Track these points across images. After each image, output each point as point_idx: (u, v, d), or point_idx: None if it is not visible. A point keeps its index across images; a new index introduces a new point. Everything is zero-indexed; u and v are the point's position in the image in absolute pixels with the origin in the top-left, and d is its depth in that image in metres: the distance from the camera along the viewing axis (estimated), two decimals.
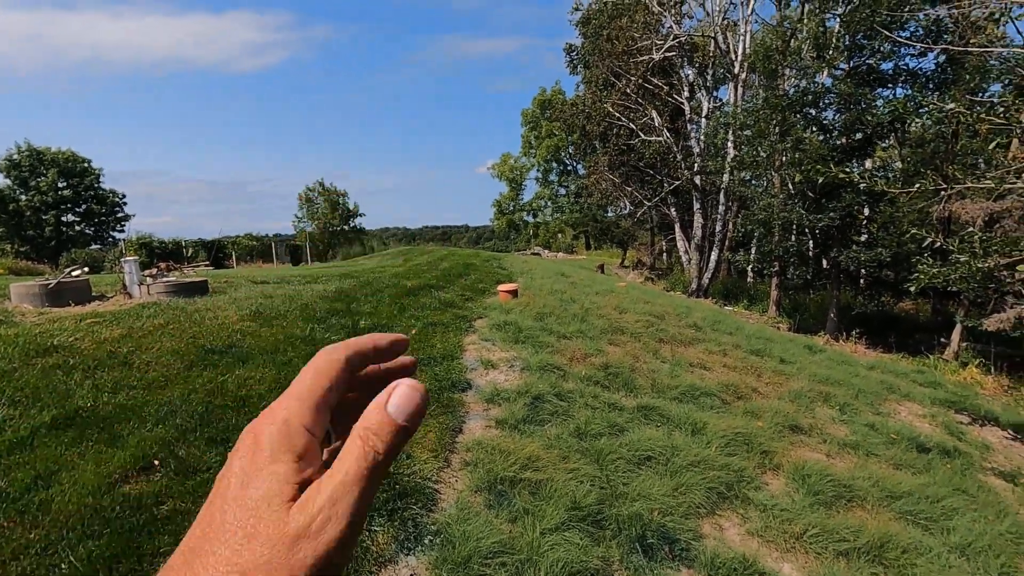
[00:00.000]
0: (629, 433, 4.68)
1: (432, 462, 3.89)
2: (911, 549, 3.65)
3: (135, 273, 7.80)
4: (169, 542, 2.74)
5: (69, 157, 38.80)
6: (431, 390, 5.06)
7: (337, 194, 58.04)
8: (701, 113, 20.40)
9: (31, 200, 36.68)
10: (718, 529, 3.74)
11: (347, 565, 0.35)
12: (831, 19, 14.86)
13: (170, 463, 3.44)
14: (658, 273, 30.58)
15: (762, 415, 5.65)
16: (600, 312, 8.82)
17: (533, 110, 51.78)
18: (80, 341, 5.47)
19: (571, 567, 2.89)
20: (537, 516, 3.31)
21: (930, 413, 7.32)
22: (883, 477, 4.66)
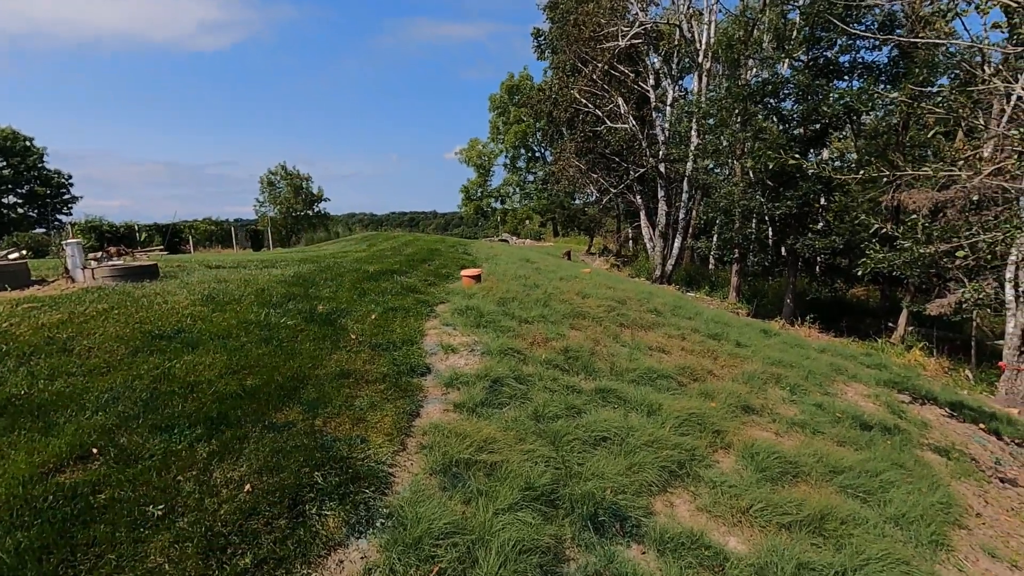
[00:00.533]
0: (586, 415, 4.74)
1: (387, 446, 3.86)
2: (849, 520, 3.82)
3: (78, 256, 7.43)
4: (106, 531, 2.64)
5: (8, 135, 36.65)
6: (390, 375, 5.01)
7: (300, 178, 56.62)
8: (666, 101, 20.60)
9: None
10: (669, 506, 3.83)
11: None
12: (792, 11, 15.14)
13: (110, 451, 3.31)
14: (624, 260, 30.98)
15: (716, 396, 5.80)
16: (563, 297, 8.87)
17: (501, 95, 51.38)
18: (15, 327, 5.19)
19: (522, 545, 2.92)
20: (491, 497, 3.33)
21: (874, 393, 7.66)
22: (827, 453, 4.86)
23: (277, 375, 4.64)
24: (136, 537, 2.64)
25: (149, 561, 2.52)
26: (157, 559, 2.54)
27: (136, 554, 2.55)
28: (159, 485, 3.04)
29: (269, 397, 4.24)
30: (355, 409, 4.29)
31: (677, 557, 3.15)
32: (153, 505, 2.86)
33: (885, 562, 3.37)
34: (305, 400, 4.29)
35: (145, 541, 2.63)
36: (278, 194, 55.59)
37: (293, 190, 55.49)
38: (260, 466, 3.34)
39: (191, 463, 3.28)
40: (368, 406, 4.36)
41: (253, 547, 2.71)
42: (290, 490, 3.16)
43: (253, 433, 3.71)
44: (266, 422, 3.89)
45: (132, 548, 2.58)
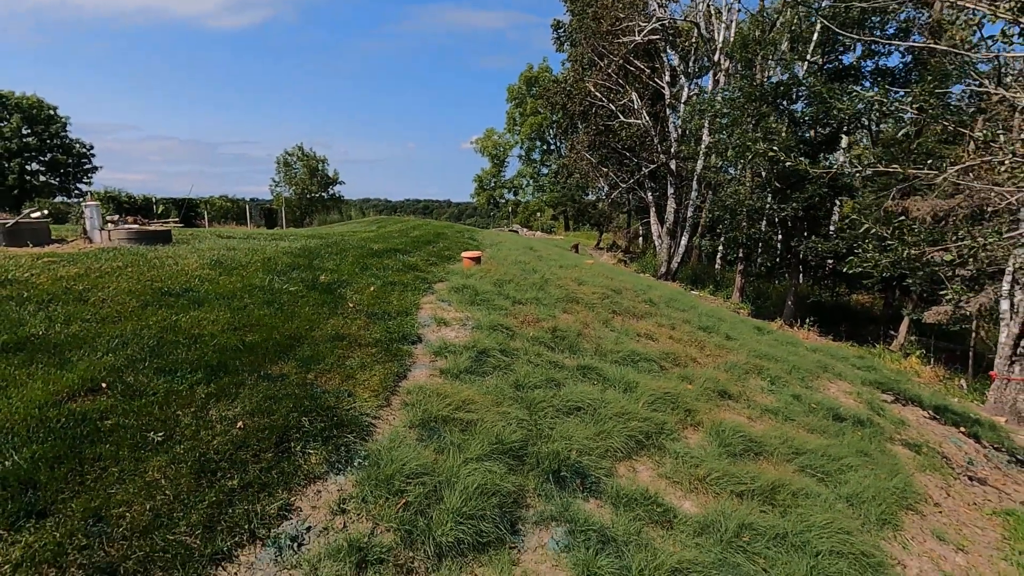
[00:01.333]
0: (564, 387, 4.99)
1: (372, 400, 4.14)
2: (801, 494, 4.05)
3: (96, 218, 7.79)
4: (110, 450, 2.95)
5: (35, 103, 37.37)
6: (382, 341, 5.30)
7: (316, 160, 57.07)
8: (681, 99, 20.63)
9: None
10: (632, 471, 4.09)
11: None
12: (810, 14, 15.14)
13: (117, 386, 3.62)
14: (632, 256, 31.07)
15: (694, 380, 6.03)
16: (559, 283, 9.11)
17: (519, 86, 51.35)
18: (36, 277, 5.54)
19: (484, 489, 3.19)
20: (462, 448, 3.60)
21: (857, 391, 7.84)
22: (793, 438, 5.08)
23: (276, 333, 4.94)
24: (137, 456, 2.95)
25: (147, 476, 2.82)
26: (154, 475, 2.84)
27: (136, 470, 2.85)
28: (160, 417, 3.34)
29: (266, 352, 4.54)
30: (346, 368, 4.58)
31: (629, 511, 3.41)
32: (153, 432, 3.17)
33: (827, 530, 3.60)
34: (300, 357, 4.59)
35: (144, 460, 2.93)
36: (294, 175, 56.13)
37: (309, 172, 56.00)
38: (252, 408, 3.64)
39: (190, 401, 3.58)
40: (358, 366, 4.65)
41: (241, 472, 3.00)
42: (278, 429, 3.45)
43: (249, 381, 4.01)
44: (261, 372, 4.19)
45: (133, 465, 2.88)
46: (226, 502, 2.77)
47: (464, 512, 2.96)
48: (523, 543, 3.05)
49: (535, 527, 3.19)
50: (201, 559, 2.42)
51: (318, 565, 2.49)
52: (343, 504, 2.97)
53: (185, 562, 2.37)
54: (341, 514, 2.91)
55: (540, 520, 3.23)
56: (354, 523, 2.85)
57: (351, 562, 2.52)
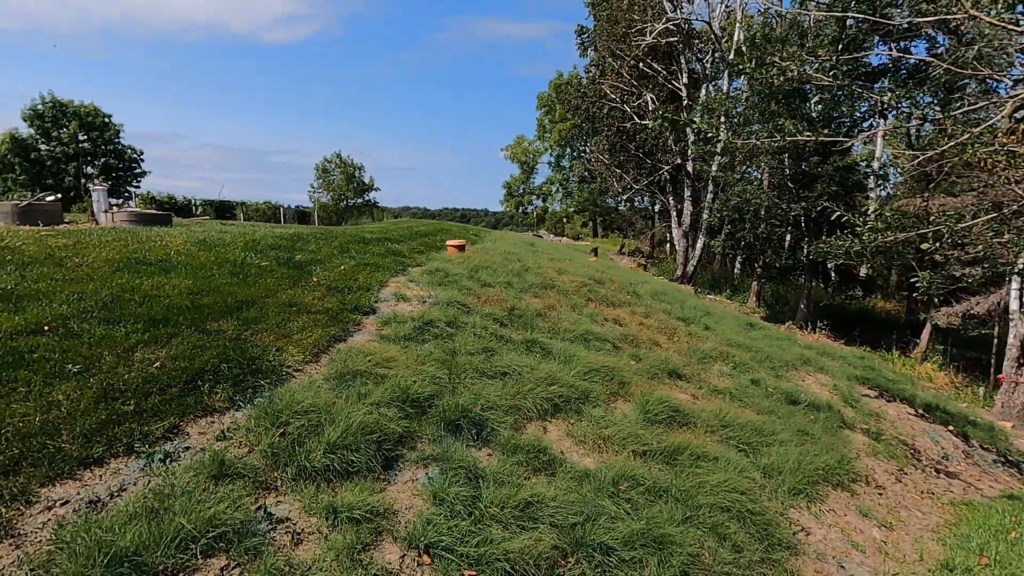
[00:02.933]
0: (498, 355, 5.11)
1: (299, 356, 4.38)
2: (707, 458, 4.05)
3: (102, 201, 8.38)
4: (26, 375, 3.26)
5: (91, 111, 39.84)
6: (333, 310, 5.55)
7: (353, 167, 58.69)
8: (697, 100, 20.45)
9: (52, 150, 37.86)
10: (542, 430, 4.18)
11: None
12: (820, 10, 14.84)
13: (59, 330, 3.96)
14: (654, 261, 30.75)
15: (644, 360, 6.04)
16: (539, 272, 9.22)
17: (549, 94, 51.68)
18: (27, 246, 6.04)
19: (367, 428, 3.36)
20: (364, 396, 3.79)
21: (834, 384, 7.64)
22: (727, 413, 5.04)
23: (229, 298, 5.25)
24: (49, 381, 3.25)
25: (51, 396, 3.11)
26: (58, 396, 3.13)
27: (43, 392, 3.15)
28: (85, 354, 3.65)
29: (212, 312, 4.84)
30: (285, 329, 4.83)
31: (513, 458, 3.51)
32: (72, 364, 3.48)
33: (718, 489, 3.61)
34: (243, 318, 4.87)
35: (54, 385, 3.23)
36: (331, 181, 57.93)
37: (346, 178, 57.68)
38: (177, 354, 3.92)
39: (120, 345, 3.89)
40: (299, 328, 4.90)
41: (139, 400, 3.27)
42: (194, 371, 3.71)
43: (184, 332, 4.30)
44: (201, 327, 4.48)
45: (41, 387, 3.18)
46: (115, 421, 3.03)
47: (338, 444, 3.14)
48: (396, 477, 3.20)
49: (413, 465, 3.33)
50: (71, 460, 2.67)
51: (176, 473, 2.70)
52: (228, 433, 3.20)
53: (53, 461, 2.63)
54: (224, 440, 3.13)
55: (420, 460, 3.37)
56: (232, 448, 3.07)
57: (207, 474, 2.73)
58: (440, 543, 2.58)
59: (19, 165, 36.43)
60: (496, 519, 2.83)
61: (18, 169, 36.37)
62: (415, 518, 2.76)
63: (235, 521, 2.44)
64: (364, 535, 2.57)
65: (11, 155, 36.40)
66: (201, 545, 2.26)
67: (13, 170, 36.38)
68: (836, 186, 13.92)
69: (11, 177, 36.10)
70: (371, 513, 2.70)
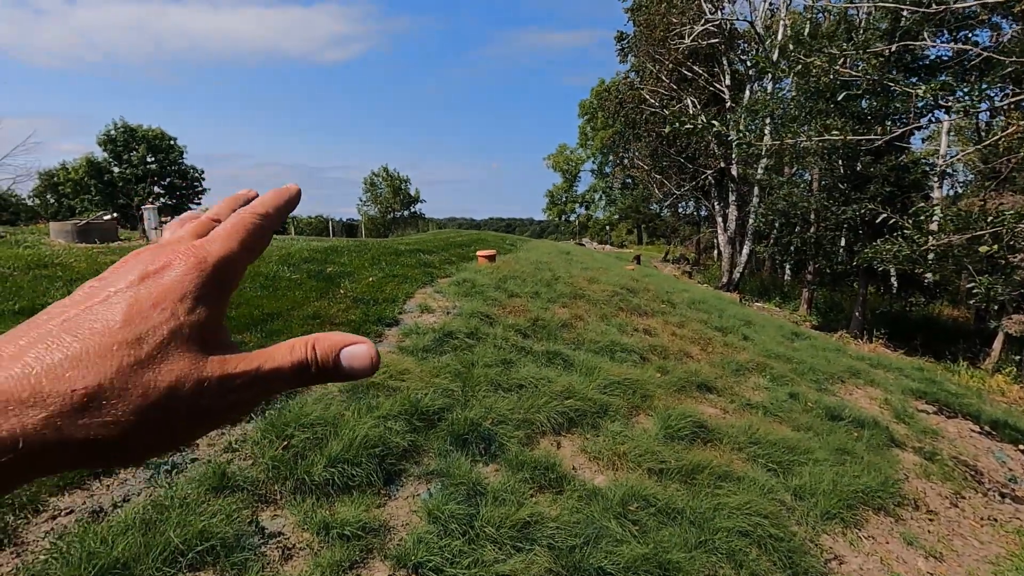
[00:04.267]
0: (516, 367, 5.04)
1: None
2: (730, 477, 3.83)
3: (153, 219, 8.86)
4: None
5: (158, 135, 42.57)
6: (356, 322, 5.63)
7: (400, 180, 60.24)
8: (741, 102, 19.83)
9: (123, 172, 40.65)
10: (555, 445, 4.06)
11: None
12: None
13: None
14: (699, 268, 29.91)
15: (672, 372, 5.82)
16: (570, 281, 9.09)
17: (591, 101, 51.44)
18: (79, 263, 6.45)
19: (371, 441, 3.35)
20: (372, 408, 3.79)
21: (885, 398, 7.13)
22: (760, 430, 4.77)
23: (256, 311, 5.41)
24: None
25: None
26: None
27: None
28: None
29: (238, 323, 5.00)
30: None
31: (517, 473, 3.42)
32: None
33: (740, 511, 3.39)
34: (268, 329, 5.00)
35: None
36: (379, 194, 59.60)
37: (392, 191, 59.24)
38: None
39: None
40: None
41: None
42: None
43: None
44: None
45: None
46: None
47: (340, 458, 3.14)
48: (397, 492, 3.17)
49: (416, 480, 3.29)
50: (83, 471, 2.77)
51: (179, 485, 2.76)
52: (236, 445, 3.25)
53: (66, 472, 2.73)
54: (230, 452, 3.19)
55: (423, 475, 3.33)
56: (237, 460, 3.12)
57: (208, 486, 2.77)
58: (429, 563, 2.52)
59: (94, 186, 39.30)
60: (491, 539, 2.75)
61: (93, 190, 39.24)
62: (408, 536, 2.71)
63: (226, 535, 2.45)
64: (353, 552, 2.54)
65: (88, 177, 39.34)
66: (189, 558, 2.29)
67: (89, 191, 39.27)
68: (891, 187, 13.12)
69: (87, 197, 38.97)
70: (363, 530, 2.67)
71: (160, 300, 0.30)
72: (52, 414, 0.26)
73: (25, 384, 0.26)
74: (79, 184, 39.33)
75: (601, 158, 52.87)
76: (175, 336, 0.30)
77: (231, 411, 0.31)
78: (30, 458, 0.25)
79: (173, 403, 0.29)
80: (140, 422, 0.28)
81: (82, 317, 0.29)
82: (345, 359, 0.33)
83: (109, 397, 0.27)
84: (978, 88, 6.46)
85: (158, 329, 0.29)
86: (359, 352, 0.33)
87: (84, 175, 39.15)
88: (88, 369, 0.27)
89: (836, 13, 13.92)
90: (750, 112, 15.91)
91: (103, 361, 0.27)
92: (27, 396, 0.26)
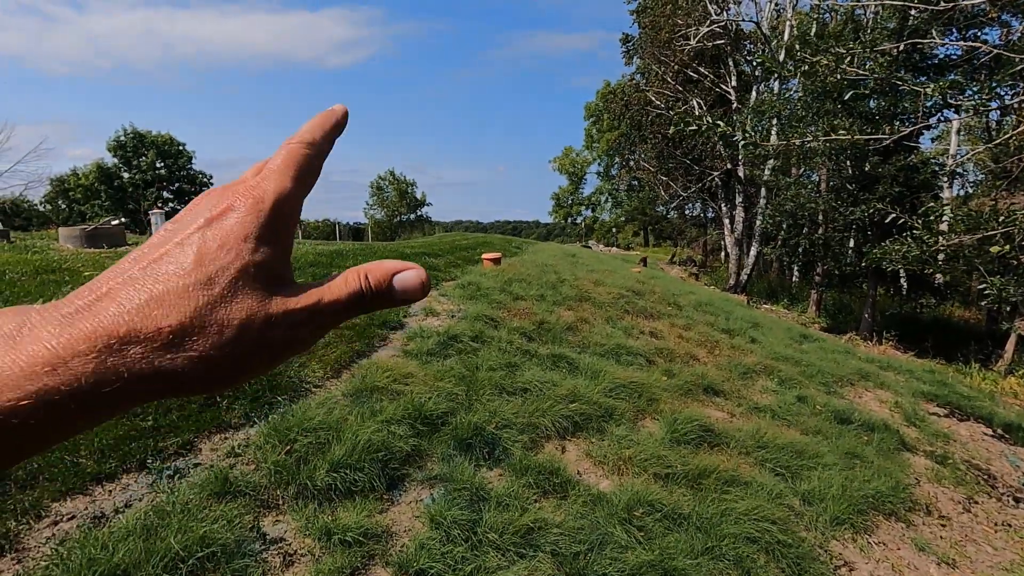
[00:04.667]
0: (520, 371, 5.01)
1: (321, 371, 4.44)
2: (737, 482, 3.78)
3: (160, 224, 8.91)
4: None
5: (167, 140, 42.97)
6: (360, 326, 5.62)
7: (406, 183, 60.48)
8: (747, 103, 19.74)
9: (133, 178, 41.05)
10: (559, 449, 4.03)
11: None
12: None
13: None
14: (706, 270, 29.76)
15: (678, 375, 5.77)
16: (575, 284, 9.05)
17: (596, 103, 51.44)
18: (86, 267, 6.49)
19: (374, 446, 3.33)
20: (376, 412, 3.77)
21: (896, 400, 7.03)
22: (768, 433, 4.71)
23: None
24: None
25: None
26: None
27: None
28: None
29: None
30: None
31: (521, 478, 3.39)
32: None
33: (748, 516, 3.34)
34: None
35: None
36: (385, 198, 59.87)
37: (399, 195, 59.50)
38: None
39: None
40: (324, 344, 4.98)
41: (158, 416, 3.38)
42: None
43: None
44: None
45: None
46: (132, 437, 3.14)
47: (342, 463, 3.12)
48: (400, 497, 3.15)
49: (419, 485, 3.27)
50: (84, 475, 2.77)
51: (181, 490, 2.75)
52: (239, 449, 3.25)
53: (68, 476, 2.74)
54: (233, 457, 3.18)
55: (426, 480, 3.31)
56: (240, 465, 3.11)
57: (210, 491, 2.76)
58: (431, 569, 2.50)
59: (104, 192, 39.71)
60: (494, 545, 2.72)
61: (103, 195, 39.65)
62: (410, 542, 2.69)
63: (227, 541, 2.44)
64: (355, 558, 2.52)
65: (98, 183, 39.75)
66: (189, 565, 2.28)
67: (99, 196, 39.69)
68: (900, 187, 12.99)
69: (97, 203, 39.38)
70: (364, 536, 2.64)
71: (225, 242, 0.32)
72: (147, 350, 0.28)
73: (121, 322, 0.28)
74: (89, 190, 39.75)
75: (607, 160, 52.79)
76: (242, 275, 0.32)
77: (296, 344, 0.33)
78: (129, 389, 0.28)
79: (245, 337, 0.31)
80: (219, 356, 0.30)
81: (160, 262, 0.31)
82: (398, 284, 0.35)
83: (191, 334, 0.29)
84: (988, 86, 6.38)
85: (226, 270, 0.31)
86: (409, 277, 0.35)
87: (94, 181, 39.56)
88: (171, 309, 0.29)
89: (843, 13, 13.82)
90: (756, 113, 15.84)
91: (182, 301, 0.30)
92: (124, 332, 0.28)
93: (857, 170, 13.90)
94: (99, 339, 0.28)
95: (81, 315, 0.28)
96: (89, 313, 0.29)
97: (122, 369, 0.28)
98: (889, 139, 6.37)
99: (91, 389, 0.27)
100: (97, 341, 0.27)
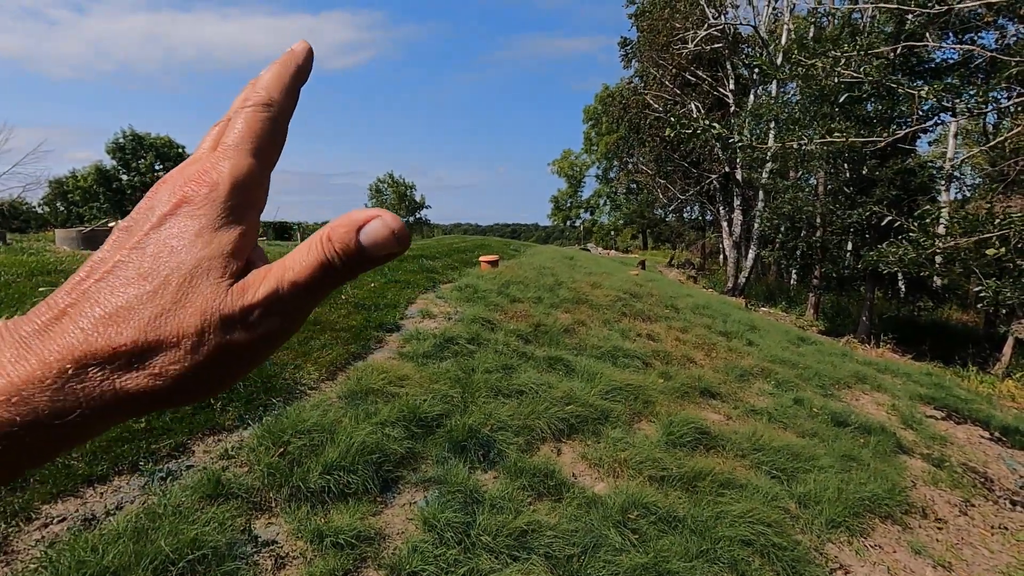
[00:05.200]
0: (516, 373, 5.00)
1: (316, 374, 4.43)
2: (732, 485, 3.77)
3: None
4: None
5: (166, 142, 42.94)
6: (357, 327, 5.61)
7: (405, 186, 60.54)
8: (745, 106, 19.79)
9: (132, 180, 41.01)
10: (555, 452, 4.02)
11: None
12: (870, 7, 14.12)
13: None
14: (705, 273, 29.77)
15: (674, 378, 5.76)
16: (573, 286, 9.05)
17: (595, 107, 51.51)
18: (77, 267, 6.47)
19: (368, 448, 3.32)
20: (371, 414, 3.76)
21: (892, 403, 7.03)
22: (764, 436, 4.70)
23: None
24: None
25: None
26: None
27: None
28: None
29: None
30: (306, 347, 4.91)
31: (516, 480, 3.37)
32: None
33: (743, 519, 3.33)
34: None
35: None
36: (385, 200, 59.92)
37: (398, 197, 59.57)
38: None
39: None
40: (319, 346, 4.97)
41: (152, 418, 3.36)
42: None
43: None
44: None
45: None
46: (125, 439, 3.12)
47: (336, 465, 3.11)
48: (393, 500, 3.14)
49: (413, 488, 3.26)
50: (76, 477, 2.76)
51: (173, 493, 2.74)
52: (232, 452, 3.23)
53: (59, 478, 2.72)
54: (226, 459, 3.17)
55: (420, 482, 3.29)
56: (232, 467, 3.09)
57: (203, 493, 2.75)
58: (424, 572, 2.48)
59: (103, 194, 39.67)
60: (488, 548, 2.71)
61: (102, 198, 39.60)
62: (403, 544, 2.68)
63: (218, 543, 2.43)
64: (346, 561, 2.50)
65: (97, 185, 39.72)
66: (179, 568, 2.26)
67: (98, 199, 39.64)
68: (897, 190, 13.02)
69: (96, 205, 39.32)
70: (357, 538, 2.63)
71: (179, 243, 0.30)
72: (106, 372, 0.26)
73: (76, 344, 0.26)
74: (88, 192, 39.71)
75: (606, 163, 52.84)
76: (193, 276, 0.29)
77: (261, 346, 0.30)
78: (93, 415, 0.26)
79: (204, 346, 0.28)
80: (181, 370, 0.28)
81: (114, 272, 0.29)
82: (365, 240, 0.29)
83: (148, 350, 0.27)
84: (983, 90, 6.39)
85: (178, 272, 0.29)
86: (376, 228, 0.29)
87: (93, 183, 39.53)
88: (125, 325, 0.27)
89: (840, 17, 13.86)
90: (754, 116, 15.89)
91: (135, 315, 0.28)
92: (80, 355, 0.26)
93: (854, 173, 13.93)
94: (54, 364, 0.26)
95: (39, 337, 0.27)
96: (46, 335, 0.27)
97: (81, 395, 0.26)
98: (884, 141, 6.37)
99: (47, 420, 0.25)
100: (53, 366, 0.26)
